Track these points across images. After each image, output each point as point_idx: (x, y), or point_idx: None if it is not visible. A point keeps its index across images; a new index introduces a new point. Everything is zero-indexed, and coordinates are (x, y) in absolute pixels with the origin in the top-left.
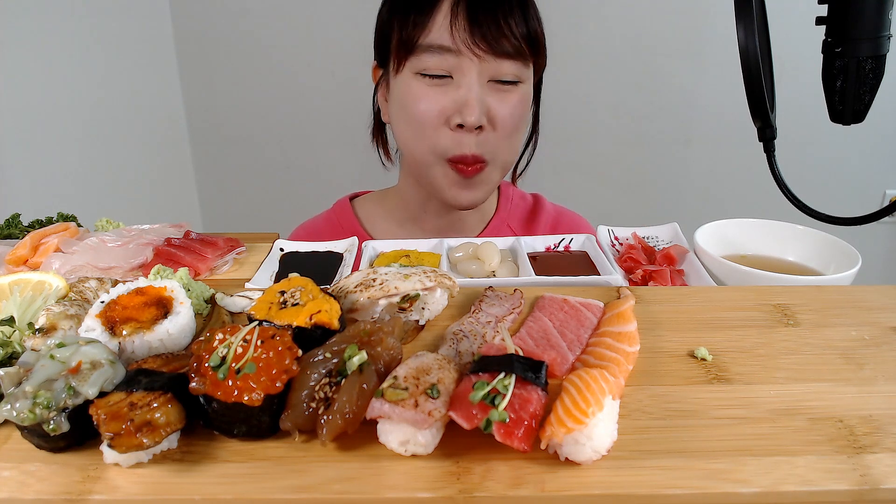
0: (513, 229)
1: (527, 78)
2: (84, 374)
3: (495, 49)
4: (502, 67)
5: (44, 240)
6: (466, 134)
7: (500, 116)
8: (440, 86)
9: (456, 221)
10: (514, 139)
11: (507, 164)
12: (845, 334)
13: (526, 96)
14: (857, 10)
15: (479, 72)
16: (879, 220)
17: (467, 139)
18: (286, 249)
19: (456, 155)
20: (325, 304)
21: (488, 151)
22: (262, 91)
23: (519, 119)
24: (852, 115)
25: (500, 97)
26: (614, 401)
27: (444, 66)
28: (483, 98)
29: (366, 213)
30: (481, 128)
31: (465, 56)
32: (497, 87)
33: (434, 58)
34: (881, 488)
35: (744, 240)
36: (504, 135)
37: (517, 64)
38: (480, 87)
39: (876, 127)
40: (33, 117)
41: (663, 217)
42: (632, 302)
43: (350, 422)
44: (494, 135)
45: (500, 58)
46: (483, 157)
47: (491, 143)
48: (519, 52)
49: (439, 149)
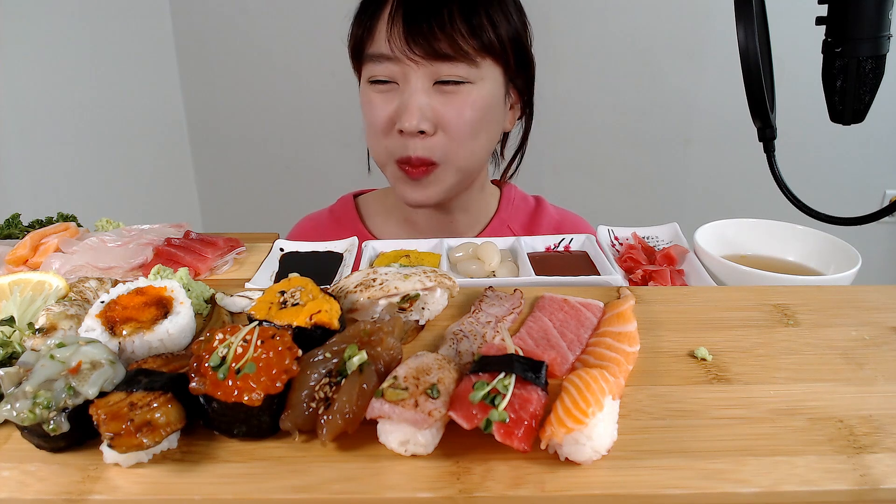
0: (513, 231)
1: (480, 78)
2: (84, 374)
3: (431, 53)
4: (444, 70)
5: (44, 240)
6: (411, 138)
7: (448, 119)
8: (387, 92)
9: (447, 221)
10: (471, 142)
11: (465, 166)
12: (845, 334)
13: (482, 97)
14: (857, 10)
15: (422, 76)
16: (879, 220)
17: (412, 143)
18: (286, 249)
19: (402, 157)
20: (325, 304)
21: (438, 154)
22: (262, 91)
23: (471, 121)
24: (852, 115)
25: (446, 100)
26: (614, 401)
27: (388, 73)
28: (426, 102)
29: (368, 209)
30: (424, 133)
31: (403, 63)
32: (443, 89)
33: (378, 66)
34: (881, 488)
35: (744, 240)
36: (456, 138)
37: (460, 65)
38: (425, 91)
39: (876, 127)
40: (33, 117)
41: (663, 217)
42: (632, 302)
43: (350, 422)
44: (444, 138)
45: (439, 61)
46: (430, 159)
47: (441, 147)
48: (461, 53)
49: (389, 152)
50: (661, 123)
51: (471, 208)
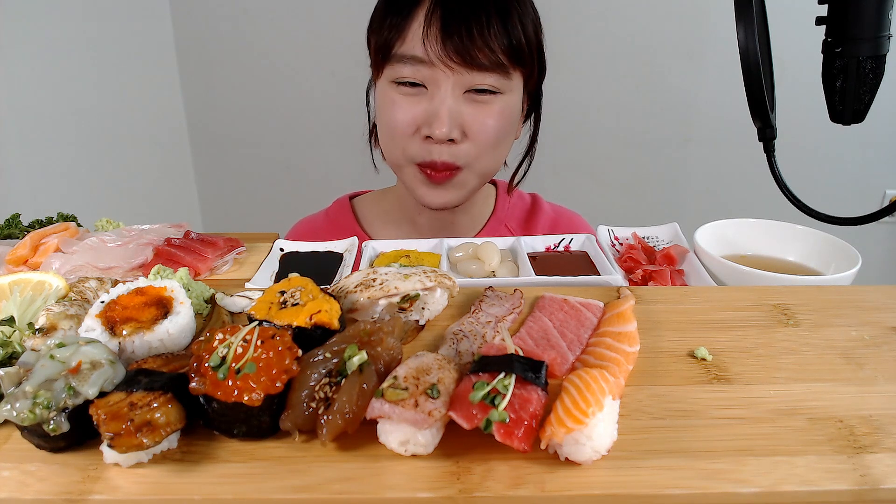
0: (511, 230)
1: (509, 89)
2: (84, 374)
3: (469, 62)
4: (478, 79)
5: (44, 240)
6: (437, 145)
7: (476, 128)
8: (414, 95)
9: (449, 222)
10: (494, 150)
11: (487, 171)
12: (845, 334)
13: (508, 107)
14: (857, 10)
15: (454, 84)
16: (879, 220)
17: (438, 149)
18: (286, 249)
19: (426, 161)
20: (325, 304)
21: (462, 161)
22: (262, 91)
23: (498, 131)
24: (852, 115)
25: (476, 108)
26: (614, 401)
27: (418, 77)
28: (457, 110)
29: (364, 212)
30: (453, 140)
31: (437, 68)
32: (474, 97)
33: (408, 67)
34: (881, 488)
35: (744, 240)
36: (481, 146)
37: (495, 76)
38: (455, 98)
39: (876, 127)
40: (34, 118)
41: (663, 217)
42: (632, 302)
43: (350, 422)
44: (470, 145)
45: (475, 70)
46: (455, 164)
47: (465, 154)
48: (497, 64)
49: (410, 156)
50: (661, 123)
51: (472, 209)
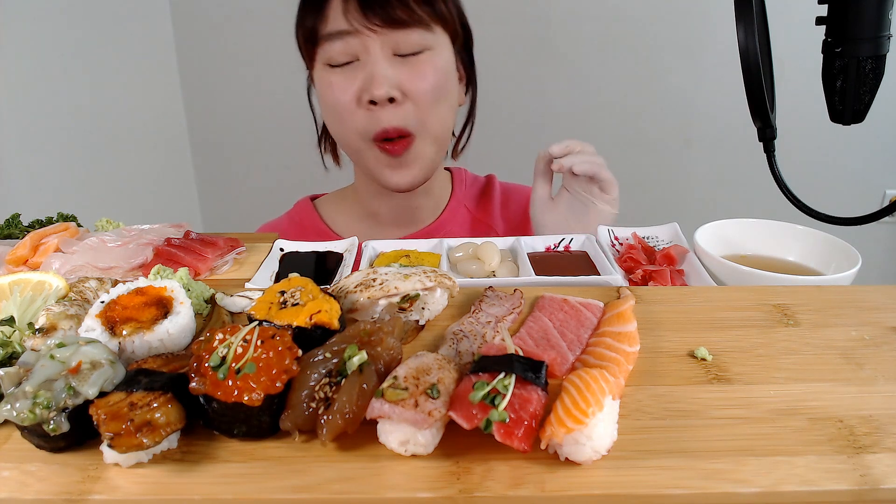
0: (469, 209)
1: (435, 44)
2: (84, 374)
3: (390, 21)
4: (402, 38)
5: (44, 240)
6: (381, 109)
7: (414, 87)
8: (348, 70)
9: (410, 210)
10: (438, 108)
11: (439, 136)
12: (845, 334)
13: (440, 65)
14: (857, 10)
15: (381, 45)
16: (879, 220)
17: (384, 114)
18: (286, 249)
19: (377, 132)
20: (325, 304)
21: (411, 123)
22: (263, 91)
23: (436, 87)
24: (852, 115)
25: (408, 68)
26: (614, 401)
27: (348, 51)
28: (391, 71)
29: (327, 211)
30: (395, 101)
31: (363, 34)
32: (403, 60)
33: (336, 44)
34: (881, 488)
35: (744, 240)
36: (424, 105)
37: (418, 31)
38: (386, 60)
39: (876, 127)
40: (34, 118)
41: (663, 217)
42: (632, 302)
43: (350, 422)
44: (413, 106)
45: (397, 28)
46: (406, 129)
47: (411, 115)
48: (417, 20)
49: (361, 130)
50: (661, 124)
51: (432, 191)
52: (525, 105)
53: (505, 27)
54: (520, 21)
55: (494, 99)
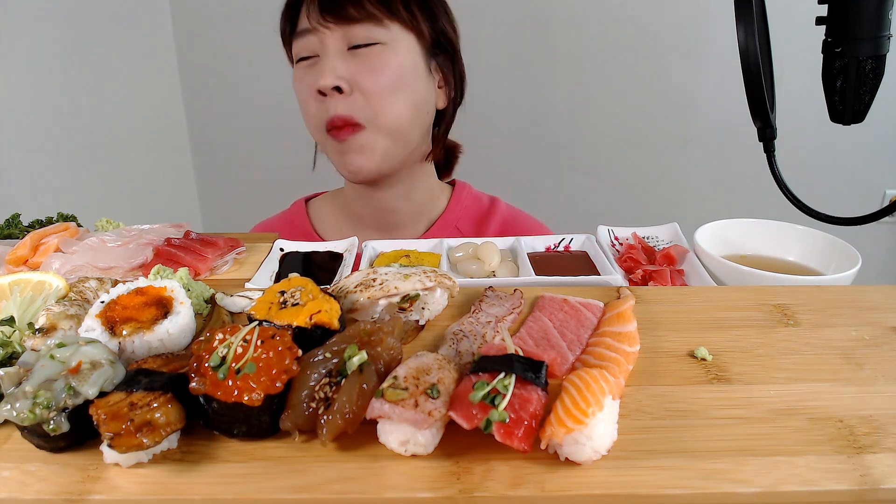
0: (461, 231)
1: (390, 39)
2: (84, 374)
3: (341, 17)
4: (354, 32)
5: (44, 240)
6: (330, 99)
7: (363, 78)
8: (309, 65)
9: (390, 214)
10: (392, 102)
11: (392, 129)
12: (845, 334)
13: (396, 60)
14: (857, 10)
15: (335, 41)
16: (879, 220)
17: (331, 103)
18: (286, 249)
19: (327, 120)
20: (325, 304)
21: (359, 114)
22: (263, 91)
23: (386, 80)
24: (852, 115)
25: (359, 60)
26: (614, 401)
27: (309, 47)
28: (340, 63)
29: (316, 212)
30: (342, 91)
31: (320, 31)
32: (357, 52)
33: (301, 41)
34: (881, 488)
35: (744, 240)
36: (374, 97)
37: (368, 26)
38: (339, 53)
39: (876, 127)
40: (34, 118)
41: (663, 217)
42: (632, 302)
43: (350, 422)
44: (363, 98)
45: (348, 23)
46: (353, 118)
47: (360, 107)
48: (366, 15)
49: (316, 120)
50: (660, 123)
51: (413, 197)
52: (525, 105)
53: (505, 27)
54: (520, 21)
55: (494, 98)
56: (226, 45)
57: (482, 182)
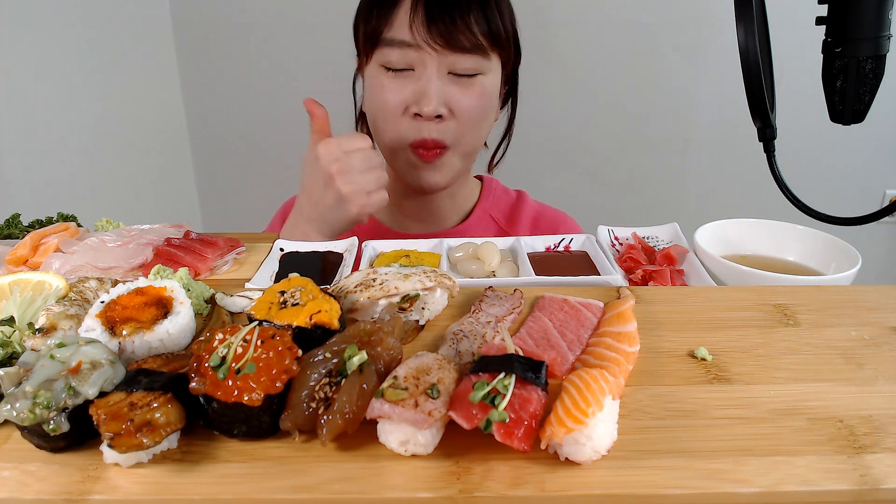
0: (495, 219)
1: (489, 70)
2: (84, 374)
3: (451, 44)
4: (459, 61)
5: (44, 240)
6: (426, 122)
7: (460, 106)
8: (402, 77)
9: (433, 208)
10: (477, 128)
11: (469, 151)
12: (845, 334)
13: (488, 87)
14: (857, 10)
15: (438, 65)
16: (879, 220)
17: (427, 126)
18: (286, 249)
19: (417, 139)
20: (325, 304)
21: (448, 137)
22: (262, 91)
23: (480, 109)
24: (852, 115)
25: (459, 88)
26: (614, 401)
27: (406, 60)
28: (442, 89)
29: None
30: (441, 117)
31: (423, 50)
32: (456, 79)
33: (395, 51)
34: (881, 488)
35: (744, 240)
36: (465, 123)
37: (475, 57)
38: (440, 78)
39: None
40: (34, 118)
41: (663, 217)
42: (632, 302)
43: (350, 422)
44: (455, 123)
45: (457, 52)
46: (443, 141)
47: (452, 131)
48: (476, 46)
49: (401, 135)
50: (661, 123)
51: (457, 195)
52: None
53: None
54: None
55: None
56: (226, 45)
57: None
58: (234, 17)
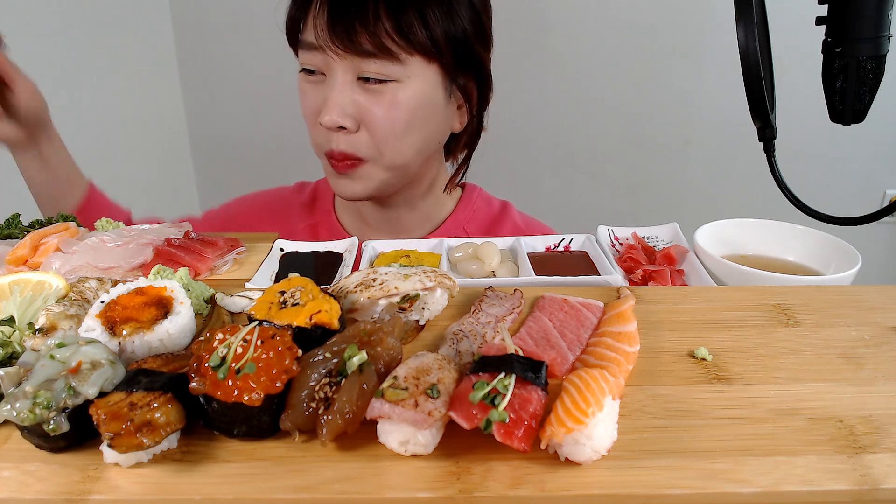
0: (468, 233)
1: (405, 76)
2: (84, 374)
3: (352, 48)
4: (364, 66)
5: (44, 240)
6: (334, 133)
7: (372, 118)
8: (317, 82)
9: (394, 219)
10: (398, 141)
11: (396, 164)
12: (845, 334)
13: (409, 96)
14: (857, 10)
15: (343, 70)
16: (879, 220)
17: (335, 137)
18: (286, 249)
19: (327, 150)
20: (325, 304)
21: (363, 150)
22: (263, 91)
23: (397, 120)
24: (852, 115)
25: (369, 97)
26: (614, 401)
27: (315, 63)
28: (351, 98)
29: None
30: (346, 129)
31: (327, 54)
32: (366, 86)
33: (307, 54)
34: (881, 488)
35: (744, 240)
36: (381, 136)
37: (382, 62)
38: (348, 85)
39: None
40: None
41: (663, 217)
42: (632, 302)
43: (350, 422)
44: (367, 136)
45: (361, 56)
46: (355, 154)
47: (365, 144)
48: (383, 49)
49: (318, 143)
50: (661, 123)
51: (418, 206)
52: (525, 105)
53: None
54: (519, 21)
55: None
56: (226, 45)
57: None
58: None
